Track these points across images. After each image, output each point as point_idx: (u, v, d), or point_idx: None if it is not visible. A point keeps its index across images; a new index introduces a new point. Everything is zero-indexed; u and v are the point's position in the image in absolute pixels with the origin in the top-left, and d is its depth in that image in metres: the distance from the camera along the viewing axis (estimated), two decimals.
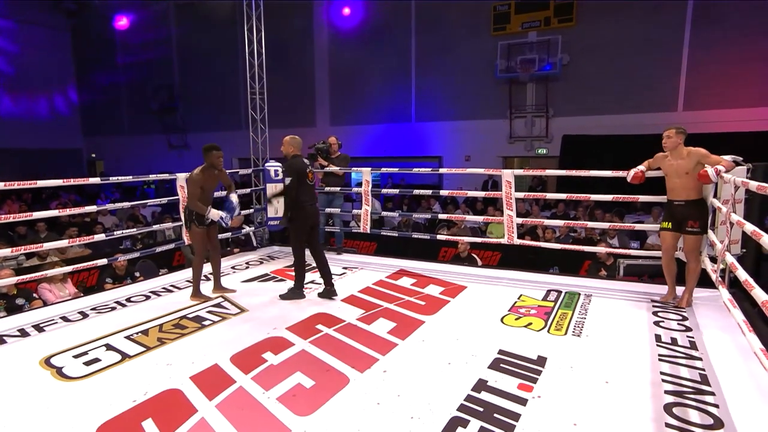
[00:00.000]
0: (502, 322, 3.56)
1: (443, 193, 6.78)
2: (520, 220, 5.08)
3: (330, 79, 14.84)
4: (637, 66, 10.97)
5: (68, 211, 4.94)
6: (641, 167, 3.97)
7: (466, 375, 2.74)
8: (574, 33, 11.50)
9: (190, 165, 4.29)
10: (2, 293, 4.39)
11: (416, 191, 6.19)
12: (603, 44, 11.23)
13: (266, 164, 6.19)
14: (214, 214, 4.04)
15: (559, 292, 4.23)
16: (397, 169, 6.40)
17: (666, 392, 2.52)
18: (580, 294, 4.17)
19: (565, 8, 11.56)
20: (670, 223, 3.80)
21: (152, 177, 5.17)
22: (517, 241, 4.94)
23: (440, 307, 3.94)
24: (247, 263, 5.54)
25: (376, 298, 4.17)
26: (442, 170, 6.17)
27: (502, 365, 2.85)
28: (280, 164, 6.12)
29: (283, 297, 4.15)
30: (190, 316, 3.80)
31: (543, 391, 2.56)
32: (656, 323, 3.48)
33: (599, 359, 2.93)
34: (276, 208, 6.04)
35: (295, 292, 4.18)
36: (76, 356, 3.08)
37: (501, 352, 3.03)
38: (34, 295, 4.65)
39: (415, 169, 6.06)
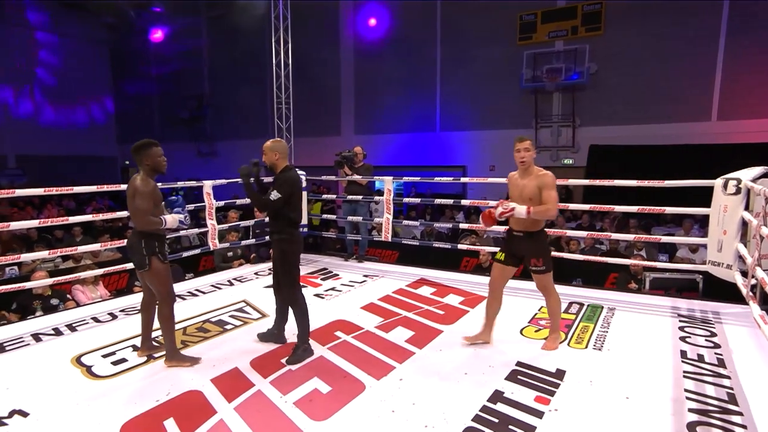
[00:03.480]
0: (521, 334, 3.53)
1: (465, 202, 6.76)
2: None
3: (355, 88, 15.04)
4: (668, 74, 10.74)
5: (101, 216, 5.15)
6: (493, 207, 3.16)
7: (483, 386, 2.73)
8: (602, 41, 11.35)
9: (216, 172, 4.14)
10: (38, 294, 4.60)
11: (439, 200, 6.20)
12: (632, 52, 11.05)
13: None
14: (172, 220, 3.07)
15: (581, 304, 4.16)
16: (419, 178, 6.41)
17: (690, 410, 2.45)
18: (603, 307, 4.10)
19: (593, 17, 11.43)
20: (503, 255, 3.24)
21: (180, 184, 5.33)
22: None
23: (459, 316, 3.93)
24: (269, 269, 5.64)
25: (395, 306, 4.19)
26: (464, 179, 6.17)
27: (519, 377, 2.83)
28: (304, 172, 6.24)
29: (291, 362, 3.06)
30: (213, 320, 3.90)
31: (560, 404, 2.53)
32: (682, 338, 3.39)
33: (620, 374, 2.87)
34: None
35: (305, 350, 3.15)
36: (104, 356, 3.21)
37: (519, 363, 3.00)
38: (68, 296, 4.85)
39: (437, 179, 6.08)
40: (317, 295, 4.59)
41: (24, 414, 2.49)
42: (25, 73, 18.19)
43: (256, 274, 5.47)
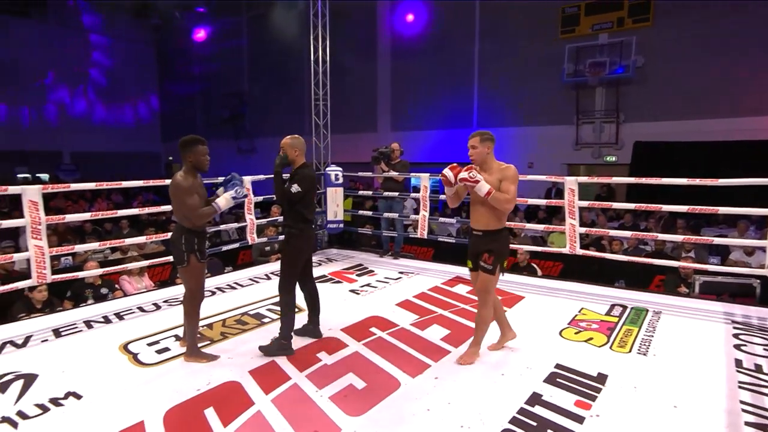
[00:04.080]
0: (561, 336, 3.43)
1: None
2: (583, 230, 4.86)
3: (392, 84, 15.03)
4: (722, 66, 10.14)
5: (147, 210, 5.36)
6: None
7: (520, 387, 2.66)
8: (651, 33, 10.85)
9: (255, 168, 4.16)
10: (90, 283, 4.83)
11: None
12: (683, 44, 10.50)
13: (327, 168, 6.37)
14: (225, 201, 3.04)
15: (625, 307, 4.00)
16: None
17: (746, 423, 2.31)
18: (648, 310, 3.92)
19: (641, 8, 10.93)
20: (470, 262, 3.04)
21: (221, 179, 5.47)
22: (580, 251, 4.73)
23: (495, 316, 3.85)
24: None
25: (430, 304, 4.16)
26: None
27: (558, 380, 2.75)
28: (340, 168, 6.28)
29: (265, 351, 3.12)
30: (251, 312, 3.99)
31: (602, 410, 2.43)
32: (737, 347, 3.20)
33: (667, 381, 2.74)
34: (335, 211, 6.20)
35: (282, 346, 3.14)
36: (149, 344, 3.33)
37: (558, 366, 2.91)
38: (116, 285, 5.07)
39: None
40: (353, 291, 4.62)
41: (78, 396, 2.63)
42: (79, 73, 19.19)
43: None
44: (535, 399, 2.54)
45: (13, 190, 3.74)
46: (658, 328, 3.54)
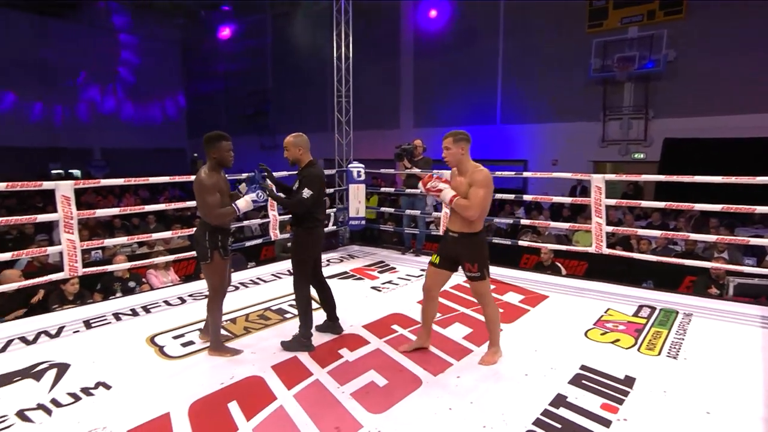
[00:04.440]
0: (586, 336, 3.36)
1: (528, 198, 6.49)
2: (610, 229, 4.75)
3: (415, 81, 14.96)
4: (757, 60, 9.75)
5: (173, 206, 5.46)
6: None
7: (544, 388, 2.62)
8: (683, 26, 10.50)
9: (278, 164, 4.11)
10: (118, 276, 4.96)
11: (499, 195, 6.02)
12: (717, 37, 10.12)
13: (350, 165, 6.38)
14: (245, 203, 2.98)
15: (653, 308, 3.89)
16: None
17: None
18: (678, 312, 3.80)
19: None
20: (439, 258, 2.98)
21: (244, 175, 5.54)
22: (606, 251, 4.62)
23: (519, 315, 3.80)
24: (328, 261, 5.74)
25: (452, 302, 4.12)
26: (526, 174, 5.93)
27: (584, 381, 2.68)
28: (362, 165, 6.28)
29: (286, 347, 3.16)
30: (273, 308, 4.03)
31: (630, 414, 2.37)
32: None
33: (699, 386, 2.65)
34: (357, 208, 6.21)
35: (302, 343, 3.16)
36: (175, 337, 3.40)
37: (583, 367, 2.85)
38: (143, 279, 5.20)
39: (498, 173, 5.87)
40: (374, 288, 4.61)
41: (107, 386, 2.70)
42: (109, 72, 19.73)
43: None
44: (559, 400, 2.48)
45: (47, 185, 3.86)
46: (689, 331, 3.43)
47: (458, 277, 4.85)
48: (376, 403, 2.49)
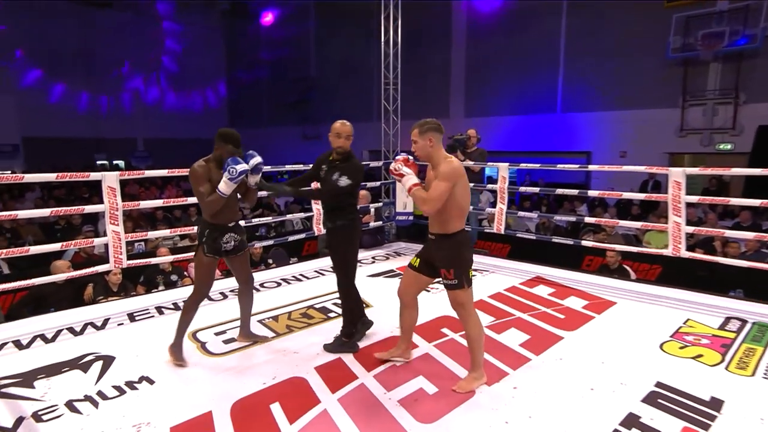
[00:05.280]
0: (662, 350, 3.18)
1: (593, 193, 6.22)
2: (691, 229, 4.48)
3: (467, 67, 14.73)
4: None
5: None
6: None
7: (613, 406, 2.50)
8: None
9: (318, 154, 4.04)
10: (161, 269, 5.19)
11: (560, 190, 5.84)
12: None
13: (397, 156, 6.36)
14: (225, 185, 2.82)
15: (744, 321, 3.63)
16: (539, 165, 6.07)
17: None
18: None
19: None
20: (418, 260, 2.88)
21: (288, 167, 5.66)
22: (686, 254, 4.37)
23: (582, 322, 3.66)
24: (373, 258, 5.77)
25: (507, 305, 4.04)
26: (591, 167, 5.67)
27: (660, 401, 2.54)
28: (412, 157, 6.24)
29: (329, 349, 3.18)
30: (317, 306, 4.09)
31: None
32: None
33: None
34: (405, 203, 6.19)
35: (345, 344, 3.20)
36: (216, 333, 3.52)
37: (659, 384, 2.70)
38: (185, 273, 5.42)
39: (560, 166, 5.71)
40: None
41: (150, 381, 2.83)
42: (153, 61, 20.68)
43: (359, 261, 5.61)
44: (631, 420, 2.37)
45: (94, 176, 4.08)
46: None
47: (512, 279, 4.78)
48: (425, 412, 2.46)
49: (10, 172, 14.11)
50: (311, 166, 3.41)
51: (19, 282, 3.86)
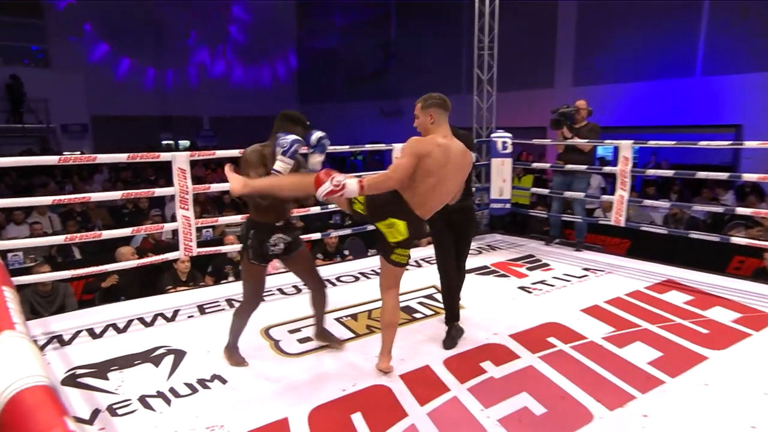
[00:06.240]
0: None
1: (748, 177, 5.48)
2: None
3: (577, 24, 14.04)
4: None
5: None
6: None
7: None
8: None
9: (402, 133, 4.07)
10: (230, 258, 5.48)
11: (699, 174, 5.39)
12: None
13: (493, 135, 6.22)
14: (281, 164, 2.86)
15: None
16: (674, 143, 5.65)
17: None
18: None
19: None
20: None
21: (368, 147, 5.72)
22: None
23: (735, 340, 3.39)
24: None
25: (630, 313, 3.84)
26: (749, 143, 5.01)
27: None
28: (509, 135, 6.08)
29: (445, 346, 3.38)
30: (400, 305, 4.10)
31: None
32: None
33: None
34: (501, 188, 6.05)
35: (458, 329, 3.49)
36: (290, 331, 3.65)
37: None
38: None
39: (703, 143, 5.25)
40: (522, 288, 4.51)
41: (223, 380, 2.99)
42: (220, 32, 21.76)
43: None
44: None
45: (164, 157, 4.36)
46: None
47: (635, 282, 4.53)
48: None
49: (79, 153, 15.54)
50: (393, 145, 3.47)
51: (93, 267, 4.25)
